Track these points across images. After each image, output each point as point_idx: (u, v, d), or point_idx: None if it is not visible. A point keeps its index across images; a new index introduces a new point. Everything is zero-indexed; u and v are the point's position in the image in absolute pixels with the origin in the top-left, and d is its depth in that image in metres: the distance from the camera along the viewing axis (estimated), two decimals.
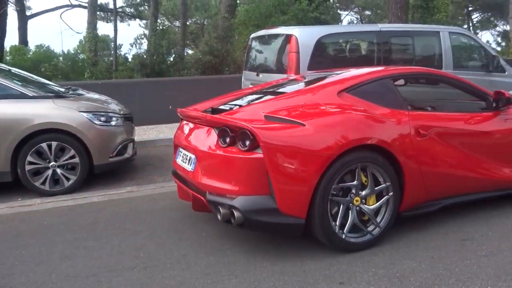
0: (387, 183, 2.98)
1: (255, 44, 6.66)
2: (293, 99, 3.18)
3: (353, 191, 2.92)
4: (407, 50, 6.72)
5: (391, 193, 2.99)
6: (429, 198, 3.21)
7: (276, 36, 6.16)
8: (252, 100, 3.41)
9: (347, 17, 33.59)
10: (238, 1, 16.40)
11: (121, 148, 4.96)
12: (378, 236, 2.99)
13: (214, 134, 3.01)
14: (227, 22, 13.55)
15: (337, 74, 3.56)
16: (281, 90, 3.59)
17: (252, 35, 6.82)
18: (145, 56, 14.25)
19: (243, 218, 2.72)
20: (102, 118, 4.86)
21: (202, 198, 2.99)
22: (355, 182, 2.90)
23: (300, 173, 2.71)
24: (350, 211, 2.92)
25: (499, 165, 3.49)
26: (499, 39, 38.69)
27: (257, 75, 6.33)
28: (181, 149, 3.41)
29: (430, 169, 3.11)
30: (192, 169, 3.14)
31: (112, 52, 21.74)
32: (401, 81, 3.84)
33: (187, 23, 23.38)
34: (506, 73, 7.02)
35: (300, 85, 3.57)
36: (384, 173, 2.96)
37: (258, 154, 2.72)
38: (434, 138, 3.16)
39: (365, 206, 2.96)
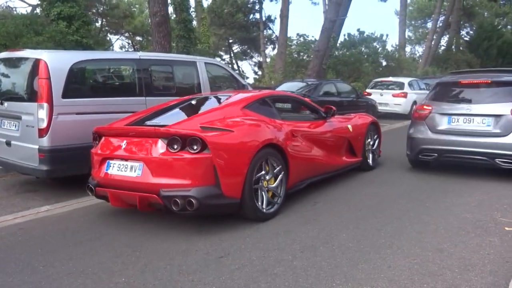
0: (280, 166, 4.51)
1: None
2: (213, 113, 4.48)
3: (263, 178, 4.30)
4: (168, 78, 7.12)
5: (283, 172, 4.55)
6: (302, 177, 4.95)
7: (22, 59, 5.65)
8: (173, 116, 4.65)
9: (118, 42, 33.18)
10: None
11: None
12: (280, 204, 4.50)
13: (161, 143, 4.00)
14: None
15: (229, 95, 5.16)
16: (188, 108, 5.00)
17: None
18: None
19: (199, 204, 3.79)
20: None
21: (154, 196, 3.88)
22: (263, 172, 4.31)
23: (235, 164, 4.01)
24: (263, 192, 4.33)
25: (334, 153, 5.73)
26: (256, 69, 45.04)
27: (1, 103, 5.65)
28: (114, 161, 4.20)
29: (300, 157, 4.89)
30: (138, 174, 4.01)
31: None
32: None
33: None
34: None
35: (208, 103, 5.08)
36: (278, 161, 4.49)
37: (205, 154, 3.87)
38: (299, 138, 5.00)
39: (270, 185, 4.41)
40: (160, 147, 3.99)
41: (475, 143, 5.76)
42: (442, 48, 37.27)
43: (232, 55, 39.50)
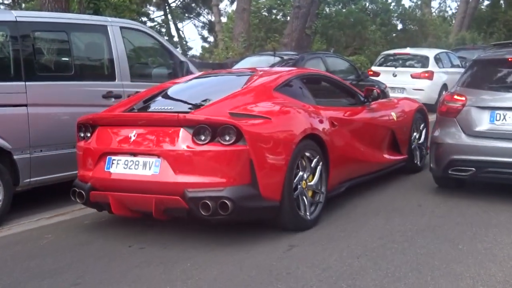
0: (318, 157, 5.50)
1: None
2: (239, 97, 5.48)
3: (300, 178, 5.30)
4: (62, 52, 7.04)
5: (321, 163, 5.52)
6: (343, 178, 6.05)
7: None
8: (186, 100, 5.71)
9: None
10: None
11: None
12: (323, 204, 5.60)
13: (185, 133, 4.81)
14: None
15: (249, 74, 6.37)
16: (212, 89, 6.16)
17: None
18: None
19: (234, 206, 4.63)
20: None
21: (177, 198, 4.71)
22: (301, 172, 5.31)
23: (275, 158, 4.98)
24: (304, 196, 5.35)
25: (376, 148, 6.90)
26: (205, 33, 45.09)
27: None
28: (118, 157, 5.05)
29: (342, 152, 5.99)
30: (155, 172, 4.84)
31: None
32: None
33: None
34: None
35: (234, 84, 6.01)
36: (315, 153, 5.49)
37: (242, 146, 4.74)
38: (339, 128, 6.02)
39: (309, 183, 5.42)
40: (184, 137, 4.83)
41: None
42: (486, 3, 38.59)
43: (168, 12, 39.32)
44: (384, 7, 25.53)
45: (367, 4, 25.83)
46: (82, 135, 5.44)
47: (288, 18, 22.08)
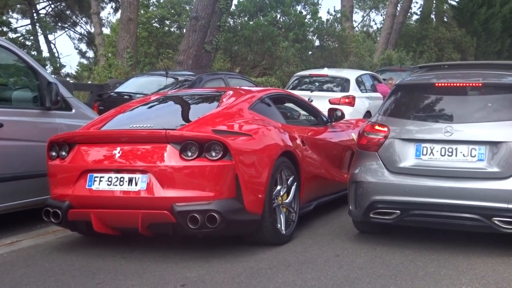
0: (293, 176, 6.87)
1: None
2: (218, 115, 6.74)
3: (277, 194, 6.59)
4: None
5: (295, 183, 6.89)
6: (312, 195, 7.51)
7: None
8: (164, 118, 7.10)
9: None
10: None
11: None
12: (296, 222, 6.94)
13: (172, 149, 5.95)
14: None
15: (218, 93, 7.85)
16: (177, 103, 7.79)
17: None
18: None
19: (222, 219, 5.76)
20: None
21: (165, 212, 5.80)
22: (279, 187, 6.63)
23: (258, 173, 6.23)
24: (281, 212, 6.66)
25: (339, 168, 8.50)
26: (83, 47, 44.50)
27: None
28: (101, 174, 6.06)
29: (311, 170, 7.46)
30: (142, 187, 5.90)
31: None
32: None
33: None
34: (74, 111, 8.14)
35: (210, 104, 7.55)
36: (290, 171, 6.85)
37: (228, 162, 5.90)
38: (308, 146, 7.48)
39: (284, 201, 6.72)
40: (171, 153, 5.94)
41: (459, 192, 6.25)
42: (415, 18, 40.34)
43: (36, 21, 38.57)
44: (298, 20, 25.95)
45: (278, 16, 26.30)
46: (54, 154, 6.40)
47: (184, 31, 22.22)
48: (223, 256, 6.22)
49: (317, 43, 28.14)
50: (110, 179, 6.04)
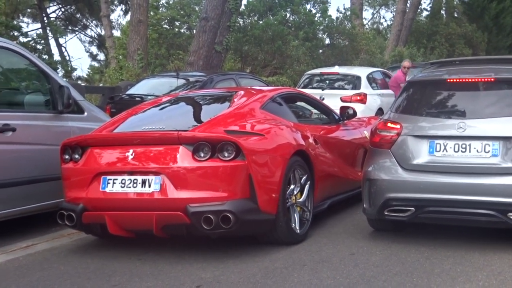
0: (306, 175, 6.91)
1: None
2: (230, 115, 6.83)
3: (291, 193, 6.63)
4: None
5: (309, 182, 6.93)
6: (326, 194, 7.55)
7: None
8: (176, 119, 7.17)
9: None
10: None
11: None
12: (310, 221, 6.98)
13: (184, 150, 6.01)
14: None
15: (228, 93, 8.00)
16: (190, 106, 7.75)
17: None
18: None
19: (236, 220, 5.80)
20: None
21: (179, 214, 5.86)
22: (292, 186, 6.66)
23: (271, 172, 6.28)
24: (295, 211, 6.70)
25: (352, 166, 8.55)
26: (94, 49, 44.61)
27: None
28: (115, 176, 6.14)
29: (325, 169, 7.51)
30: (156, 189, 5.99)
31: None
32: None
33: None
34: (86, 114, 8.17)
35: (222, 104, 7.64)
36: (303, 170, 6.89)
37: (241, 162, 5.97)
38: (321, 145, 7.56)
39: (298, 200, 6.75)
40: (184, 154, 6.02)
41: (474, 188, 6.24)
42: (425, 14, 40.20)
43: (46, 25, 38.71)
44: (308, 18, 25.94)
45: (288, 15, 26.28)
46: (67, 157, 6.48)
47: (194, 32, 22.24)
48: (238, 257, 6.24)
49: (327, 41, 28.11)
50: (123, 181, 6.11)
